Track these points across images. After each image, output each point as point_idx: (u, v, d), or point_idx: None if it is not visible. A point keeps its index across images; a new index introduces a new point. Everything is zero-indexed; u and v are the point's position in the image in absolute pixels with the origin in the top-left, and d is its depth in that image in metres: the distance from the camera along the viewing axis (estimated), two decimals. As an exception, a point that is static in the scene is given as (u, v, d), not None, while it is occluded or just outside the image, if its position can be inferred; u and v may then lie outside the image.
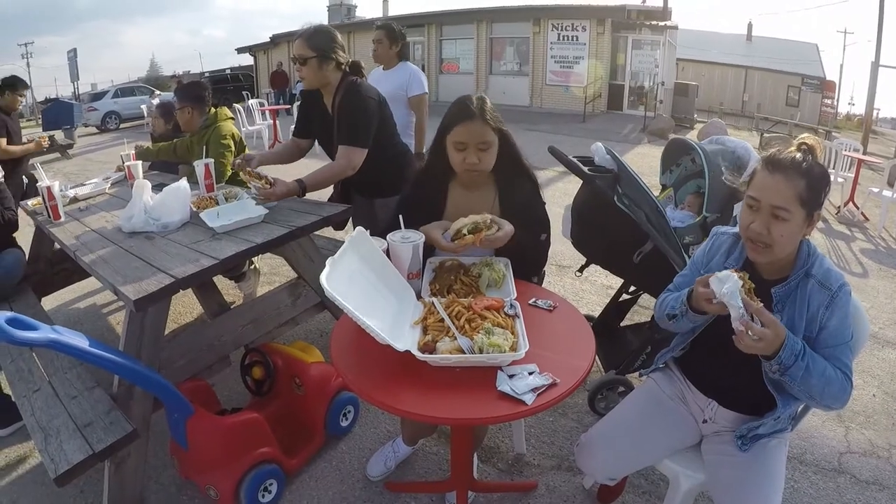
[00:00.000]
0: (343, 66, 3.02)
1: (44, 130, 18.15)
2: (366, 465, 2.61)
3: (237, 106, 12.79)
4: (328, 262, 1.62)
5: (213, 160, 3.30)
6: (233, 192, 3.11)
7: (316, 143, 3.40)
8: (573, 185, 2.49)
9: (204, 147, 3.61)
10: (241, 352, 2.90)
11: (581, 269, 3.25)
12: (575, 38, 18.48)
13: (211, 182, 3.23)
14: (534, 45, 19.27)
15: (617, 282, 3.78)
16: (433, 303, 1.84)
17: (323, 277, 1.53)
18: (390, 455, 2.59)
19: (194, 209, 2.90)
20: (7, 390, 3.22)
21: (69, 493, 2.49)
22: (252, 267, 4.40)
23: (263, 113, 13.72)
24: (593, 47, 18.13)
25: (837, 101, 31.17)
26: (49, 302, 3.88)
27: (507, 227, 2.08)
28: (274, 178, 2.84)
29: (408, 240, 2.00)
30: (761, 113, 20.01)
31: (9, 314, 1.83)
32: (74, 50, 32.63)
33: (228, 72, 32.38)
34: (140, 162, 3.62)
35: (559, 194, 7.36)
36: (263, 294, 3.14)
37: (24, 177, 5.76)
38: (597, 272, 3.10)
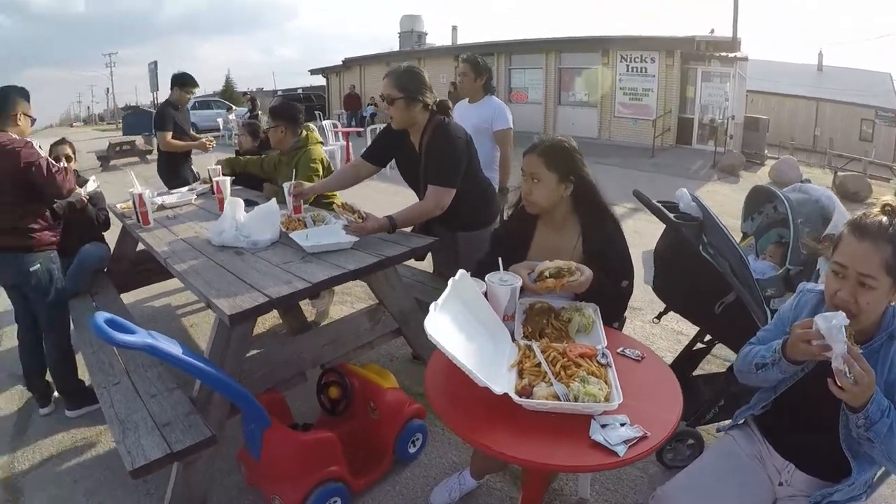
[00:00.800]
0: (430, 107, 3.05)
1: (123, 135, 18.86)
2: (430, 494, 2.62)
3: (311, 125, 13.04)
4: (432, 307, 1.66)
5: (300, 182, 3.37)
6: (320, 216, 3.19)
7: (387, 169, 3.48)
8: (645, 223, 2.48)
9: (293, 168, 3.70)
10: (316, 369, 2.95)
11: (659, 317, 3.20)
12: (644, 70, 18.21)
13: (299, 204, 3.31)
14: (602, 76, 19.02)
15: (688, 327, 3.78)
16: (531, 347, 1.85)
17: (427, 323, 1.56)
18: (455, 486, 2.59)
19: (283, 229, 2.99)
20: (81, 377, 3.41)
21: (131, 481, 2.53)
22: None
23: (337, 134, 13.90)
24: (662, 79, 17.82)
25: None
26: (126, 298, 4.03)
27: (587, 274, 2.09)
28: (366, 212, 2.89)
29: (506, 283, 2.02)
30: (833, 149, 19.30)
31: (107, 315, 1.91)
32: (155, 62, 33.77)
33: (300, 91, 33.06)
34: (228, 178, 3.72)
35: (630, 233, 7.26)
36: (343, 316, 3.21)
37: (191, 170, 5.91)
38: (668, 316, 3.06)
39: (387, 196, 3.96)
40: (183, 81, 5.77)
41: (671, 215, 2.68)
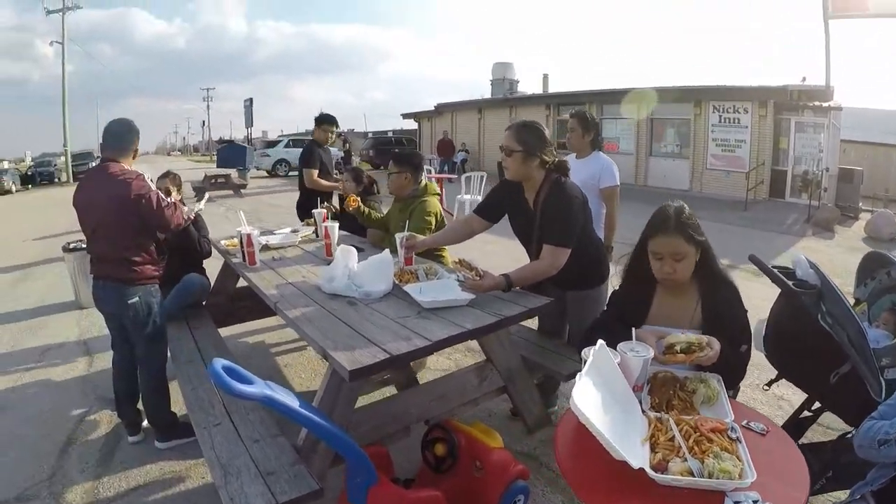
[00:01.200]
0: (548, 165, 3.02)
1: (217, 167, 19.56)
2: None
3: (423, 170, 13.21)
4: (577, 377, 1.69)
5: (414, 234, 3.37)
6: (433, 268, 3.18)
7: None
8: (745, 283, 2.41)
9: (407, 217, 3.70)
10: (419, 423, 2.93)
11: (770, 384, 3.07)
12: (737, 121, 17.83)
13: (411, 255, 3.31)
14: (694, 127, 18.78)
15: (789, 393, 3.69)
16: (662, 420, 1.85)
17: (575, 395, 1.59)
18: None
19: (396, 281, 2.96)
20: (175, 408, 3.47)
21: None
22: None
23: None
24: (755, 130, 17.39)
25: None
26: (221, 333, 4.08)
27: (716, 350, 2.06)
28: (483, 270, 2.87)
29: (639, 354, 1.99)
30: (932, 200, 18.22)
31: (224, 362, 1.92)
32: (251, 99, 35.38)
33: (391, 134, 33.86)
34: (337, 224, 3.74)
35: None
36: (452, 372, 3.15)
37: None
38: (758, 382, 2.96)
39: (480, 244, 3.91)
40: (320, 119, 5.95)
41: (790, 283, 2.63)
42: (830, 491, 2.61)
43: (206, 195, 3.95)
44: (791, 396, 3.66)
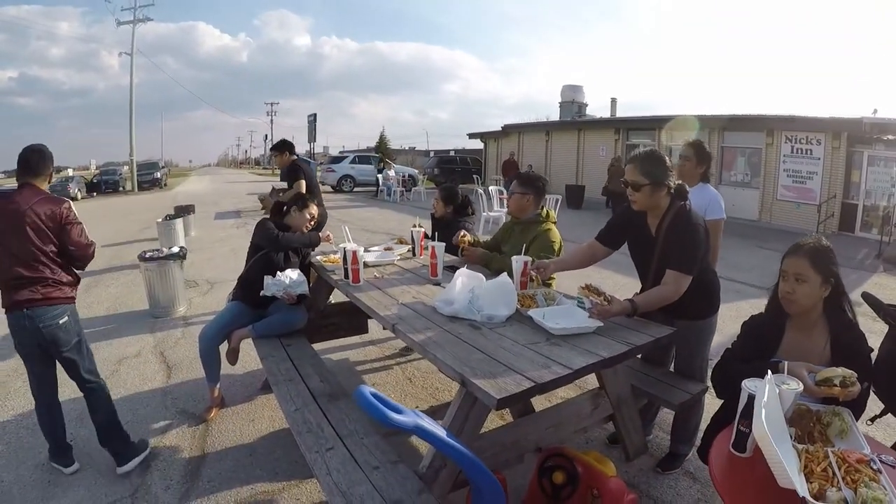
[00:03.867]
0: (671, 190, 3.03)
1: (280, 180, 19.93)
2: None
3: (479, 189, 13.29)
4: (760, 405, 1.84)
5: (531, 258, 3.37)
6: (550, 294, 3.18)
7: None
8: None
9: (526, 242, 3.70)
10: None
11: (873, 419, 3.08)
12: (809, 152, 17.58)
13: (526, 280, 3.31)
14: (766, 156, 18.53)
15: (872, 430, 3.58)
16: (819, 451, 1.91)
17: (763, 419, 1.76)
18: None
19: (518, 307, 2.97)
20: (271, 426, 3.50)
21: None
22: None
23: (502, 201, 13.95)
24: (828, 162, 17.12)
25: None
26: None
27: (859, 386, 2.11)
28: (611, 295, 2.87)
29: (790, 387, 2.04)
30: None
31: (372, 390, 1.93)
32: (315, 115, 35.93)
33: (453, 153, 34.10)
34: (442, 244, 3.75)
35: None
36: (567, 399, 3.15)
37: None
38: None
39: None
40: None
41: None
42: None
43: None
44: (875, 433, 3.59)
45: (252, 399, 4.38)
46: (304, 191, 6.14)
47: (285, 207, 4.40)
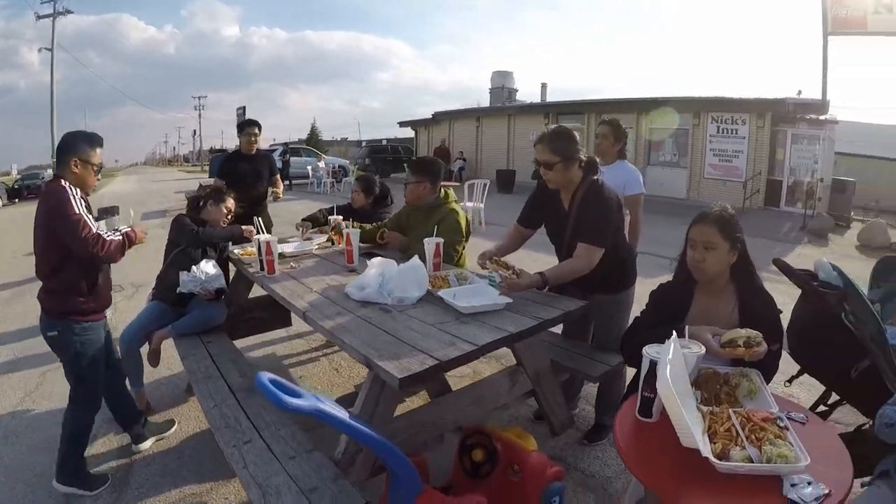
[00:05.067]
0: (582, 164, 3.04)
1: (210, 177, 19.46)
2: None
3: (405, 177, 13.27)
4: (663, 364, 1.84)
5: (442, 240, 3.36)
6: (463, 274, 3.15)
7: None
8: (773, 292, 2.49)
9: (435, 226, 3.66)
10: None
11: (791, 380, 3.17)
12: (734, 132, 18.13)
13: (439, 261, 3.31)
14: (693, 137, 19.05)
15: (798, 392, 3.79)
16: (723, 412, 1.94)
17: (666, 378, 1.76)
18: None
19: (429, 288, 2.94)
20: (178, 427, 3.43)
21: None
22: None
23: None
24: (753, 141, 17.74)
25: None
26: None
27: (765, 346, 2.15)
28: (519, 269, 2.87)
29: (692, 351, 2.07)
30: (922, 211, 18.54)
31: (271, 376, 1.88)
32: (244, 107, 35.22)
33: (386, 143, 33.86)
34: (358, 231, 3.69)
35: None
36: (485, 377, 3.14)
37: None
38: (776, 380, 3.01)
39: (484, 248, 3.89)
40: (241, 124, 5.97)
41: (816, 283, 2.79)
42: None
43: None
44: (800, 394, 3.74)
45: (179, 401, 4.26)
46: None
47: (201, 202, 4.25)
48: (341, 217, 4.43)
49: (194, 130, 71.47)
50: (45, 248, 2.96)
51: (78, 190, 2.94)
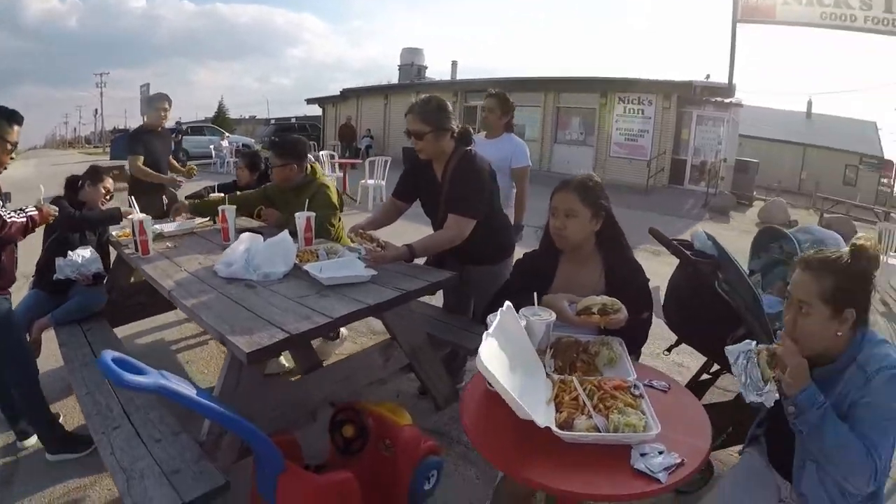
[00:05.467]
0: (454, 134, 3.02)
1: (110, 159, 18.65)
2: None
3: (310, 155, 13.11)
4: (484, 336, 1.73)
5: (314, 214, 3.29)
6: (334, 248, 3.11)
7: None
8: (645, 260, 2.53)
9: (305, 201, 3.56)
10: (325, 408, 2.86)
11: (669, 349, 3.28)
12: (641, 112, 18.63)
13: (310, 235, 3.25)
14: (600, 116, 19.46)
15: (688, 360, 3.91)
16: (566, 381, 1.90)
17: (482, 352, 1.61)
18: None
19: (296, 262, 2.89)
20: (63, 420, 3.29)
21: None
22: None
23: (334, 165, 13.85)
24: (658, 121, 18.25)
25: (895, 180, 30.64)
26: (117, 332, 3.87)
27: (625, 313, 2.15)
28: (385, 241, 2.84)
29: (541, 318, 2.05)
30: (820, 192, 19.67)
31: (115, 354, 1.84)
32: (147, 84, 33.77)
33: (294, 121, 33.25)
34: (234, 207, 3.59)
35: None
36: (355, 353, 3.12)
37: (164, 197, 5.65)
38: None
39: (400, 229, 3.84)
40: (151, 98, 5.72)
41: (689, 253, 2.80)
42: (731, 445, 2.78)
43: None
44: (689, 363, 3.82)
45: (66, 393, 3.99)
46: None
47: (80, 182, 4.04)
48: (222, 195, 4.30)
49: (96, 110, 66.91)
50: None
51: None
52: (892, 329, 6.45)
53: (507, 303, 1.96)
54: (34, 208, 3.02)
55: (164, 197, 5.63)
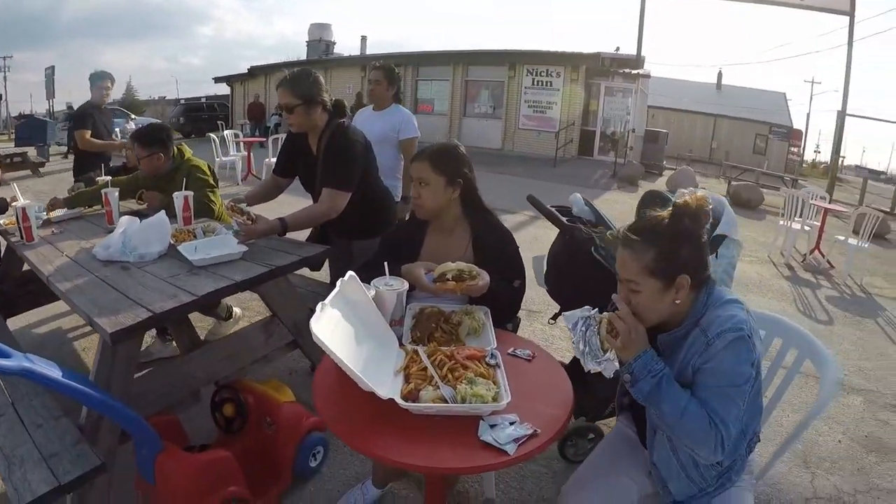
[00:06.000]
0: (328, 108, 3.03)
1: (16, 146, 17.81)
2: (333, 507, 2.56)
3: (212, 135, 12.84)
4: (318, 306, 1.66)
5: (192, 193, 3.27)
6: (211, 227, 3.10)
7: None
8: (543, 230, 2.60)
9: (182, 180, 3.51)
10: (210, 387, 2.86)
11: (554, 318, 3.20)
12: (549, 84, 18.87)
13: (189, 215, 3.21)
14: (508, 89, 19.62)
15: None
16: (417, 351, 1.88)
17: (313, 323, 1.56)
18: (359, 497, 2.55)
19: (173, 242, 2.89)
20: None
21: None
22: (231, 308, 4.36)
23: (238, 144, 13.58)
24: (566, 93, 18.50)
25: (804, 149, 32.15)
26: (12, 323, 3.79)
27: (486, 279, 2.16)
28: (256, 214, 2.84)
29: (392, 287, 2.04)
30: (729, 161, 20.48)
31: None
32: (53, 67, 32.34)
33: (204, 100, 32.35)
34: (117, 190, 3.55)
35: (529, 239, 7.35)
36: (236, 331, 3.12)
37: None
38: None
39: (287, 204, 3.84)
40: (94, 77, 5.81)
41: (564, 219, 2.80)
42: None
43: None
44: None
45: None
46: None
47: None
48: (109, 178, 4.23)
49: (0, 95, 64.04)
50: None
51: None
52: (797, 293, 6.71)
53: (350, 273, 1.96)
54: None
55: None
